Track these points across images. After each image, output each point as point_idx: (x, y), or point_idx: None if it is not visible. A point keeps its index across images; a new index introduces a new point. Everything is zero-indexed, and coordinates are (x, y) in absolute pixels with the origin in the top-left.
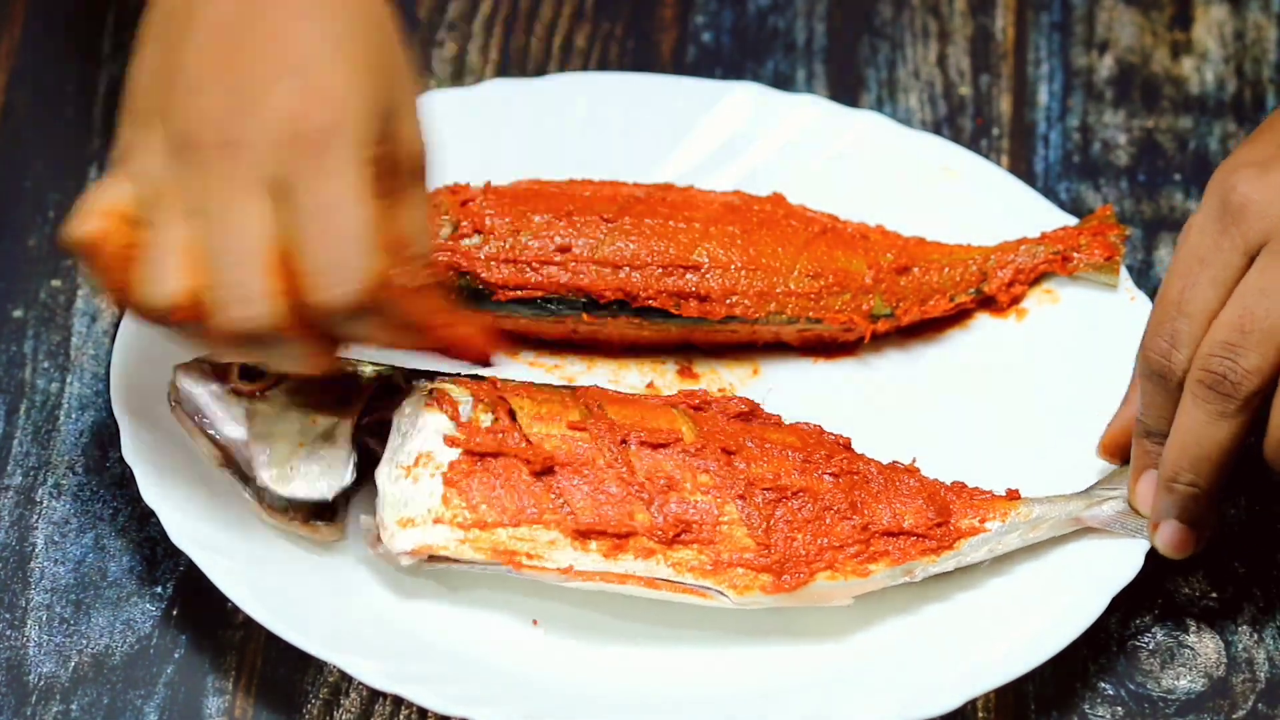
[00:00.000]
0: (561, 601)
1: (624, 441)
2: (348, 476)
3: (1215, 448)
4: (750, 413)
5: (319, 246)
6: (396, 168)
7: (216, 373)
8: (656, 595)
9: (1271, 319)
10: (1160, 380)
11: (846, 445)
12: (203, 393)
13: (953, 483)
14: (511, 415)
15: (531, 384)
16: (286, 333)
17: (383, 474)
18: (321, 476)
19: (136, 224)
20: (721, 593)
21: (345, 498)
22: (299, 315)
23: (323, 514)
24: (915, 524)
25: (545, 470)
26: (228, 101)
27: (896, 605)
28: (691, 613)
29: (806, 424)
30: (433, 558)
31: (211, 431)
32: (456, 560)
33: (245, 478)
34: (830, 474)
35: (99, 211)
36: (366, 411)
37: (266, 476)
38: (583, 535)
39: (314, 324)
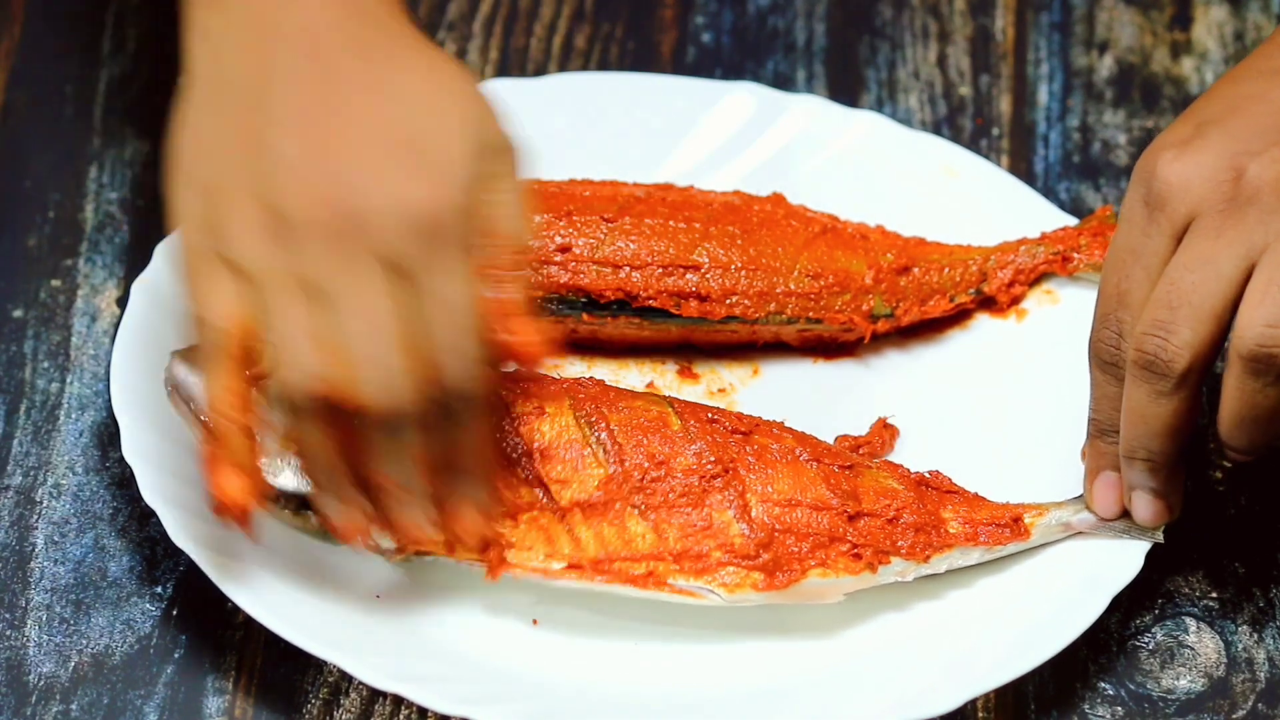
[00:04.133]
0: (561, 602)
1: (615, 439)
2: None
3: (1161, 425)
4: (749, 433)
5: (444, 333)
6: (489, 162)
7: None
8: (645, 595)
9: (1199, 293)
10: (1114, 371)
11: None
12: (198, 381)
13: (941, 481)
14: (505, 410)
15: (523, 377)
16: (418, 414)
17: None
18: None
19: (248, 312)
20: (713, 591)
21: None
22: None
23: (310, 505)
24: (907, 525)
25: (534, 465)
26: (336, 182)
27: (897, 605)
28: (692, 613)
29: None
30: (419, 551)
31: (205, 418)
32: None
33: None
34: (821, 471)
35: (228, 315)
36: None
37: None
38: (571, 533)
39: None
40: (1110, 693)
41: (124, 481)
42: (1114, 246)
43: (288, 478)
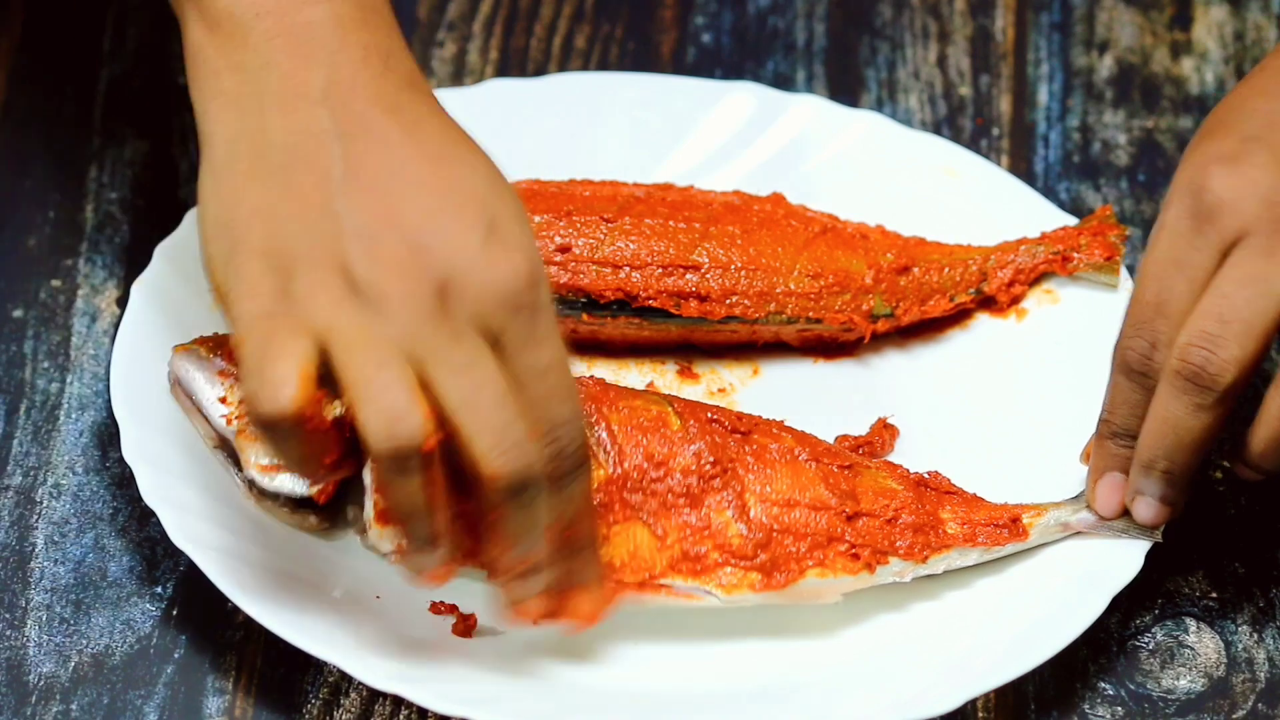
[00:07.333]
0: None
1: (615, 439)
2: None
3: (1192, 438)
4: (748, 432)
5: (549, 401)
6: None
7: (211, 358)
8: (643, 598)
9: (1251, 309)
10: (1141, 380)
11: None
12: (198, 377)
13: (940, 481)
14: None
15: None
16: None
17: (370, 469)
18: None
19: (323, 379)
20: (710, 592)
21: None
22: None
23: (309, 504)
24: (905, 525)
25: None
26: (417, 249)
27: (897, 605)
28: (691, 613)
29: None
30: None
31: (206, 415)
32: None
33: (238, 463)
34: (820, 471)
35: (299, 377)
36: None
37: (253, 468)
38: None
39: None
40: (1110, 693)
41: (124, 481)
42: (1154, 255)
43: (284, 481)
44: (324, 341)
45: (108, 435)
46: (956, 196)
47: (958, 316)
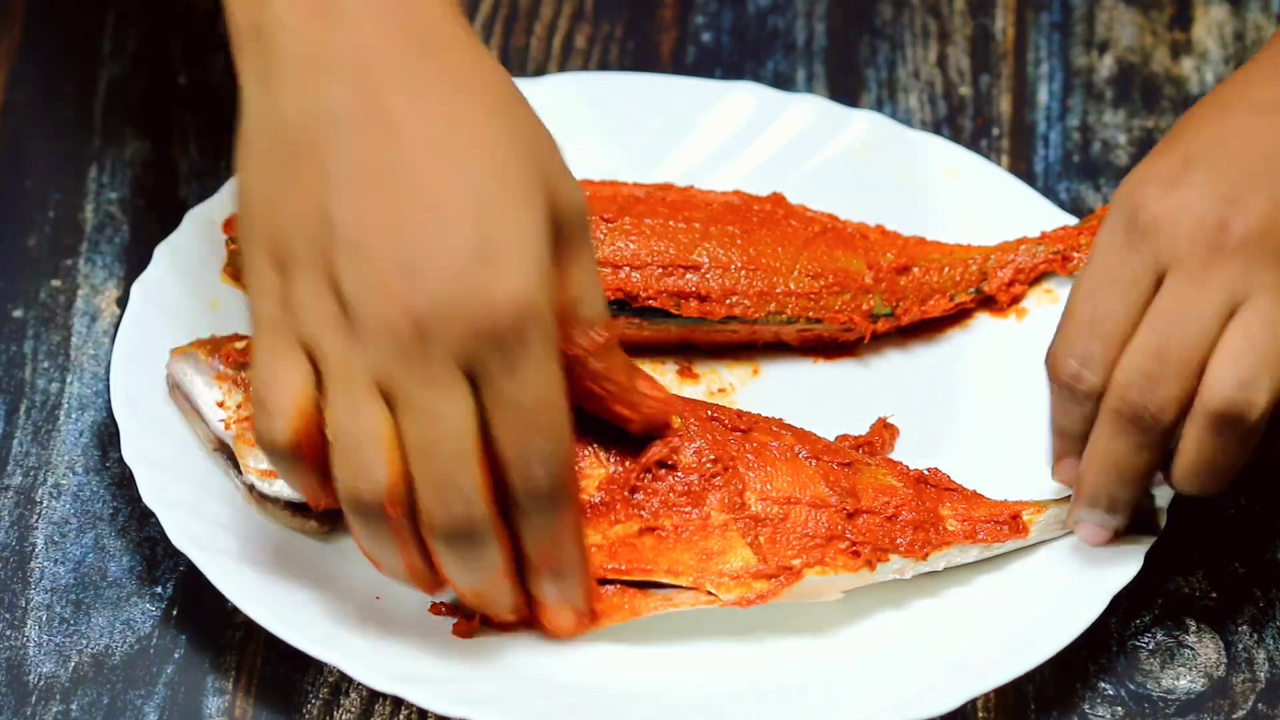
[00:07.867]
0: None
1: (616, 438)
2: None
3: (1135, 473)
4: (748, 430)
5: (521, 438)
6: (561, 230)
7: (209, 361)
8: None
9: (1187, 348)
10: (1070, 395)
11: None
12: (196, 381)
13: (940, 478)
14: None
15: None
16: (494, 526)
17: None
18: None
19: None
20: (709, 592)
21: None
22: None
23: (309, 508)
24: (906, 522)
25: None
26: (403, 276)
27: (897, 603)
28: (690, 612)
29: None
30: None
31: (205, 419)
32: None
33: (238, 466)
34: (820, 469)
35: (294, 410)
36: None
37: (252, 473)
38: None
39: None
40: (1110, 693)
41: (124, 481)
42: (1090, 271)
43: (283, 486)
44: (316, 361)
45: (108, 435)
46: (956, 196)
47: (958, 316)
